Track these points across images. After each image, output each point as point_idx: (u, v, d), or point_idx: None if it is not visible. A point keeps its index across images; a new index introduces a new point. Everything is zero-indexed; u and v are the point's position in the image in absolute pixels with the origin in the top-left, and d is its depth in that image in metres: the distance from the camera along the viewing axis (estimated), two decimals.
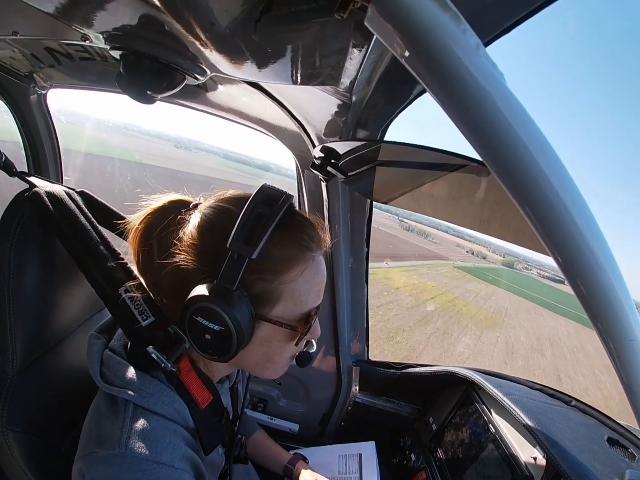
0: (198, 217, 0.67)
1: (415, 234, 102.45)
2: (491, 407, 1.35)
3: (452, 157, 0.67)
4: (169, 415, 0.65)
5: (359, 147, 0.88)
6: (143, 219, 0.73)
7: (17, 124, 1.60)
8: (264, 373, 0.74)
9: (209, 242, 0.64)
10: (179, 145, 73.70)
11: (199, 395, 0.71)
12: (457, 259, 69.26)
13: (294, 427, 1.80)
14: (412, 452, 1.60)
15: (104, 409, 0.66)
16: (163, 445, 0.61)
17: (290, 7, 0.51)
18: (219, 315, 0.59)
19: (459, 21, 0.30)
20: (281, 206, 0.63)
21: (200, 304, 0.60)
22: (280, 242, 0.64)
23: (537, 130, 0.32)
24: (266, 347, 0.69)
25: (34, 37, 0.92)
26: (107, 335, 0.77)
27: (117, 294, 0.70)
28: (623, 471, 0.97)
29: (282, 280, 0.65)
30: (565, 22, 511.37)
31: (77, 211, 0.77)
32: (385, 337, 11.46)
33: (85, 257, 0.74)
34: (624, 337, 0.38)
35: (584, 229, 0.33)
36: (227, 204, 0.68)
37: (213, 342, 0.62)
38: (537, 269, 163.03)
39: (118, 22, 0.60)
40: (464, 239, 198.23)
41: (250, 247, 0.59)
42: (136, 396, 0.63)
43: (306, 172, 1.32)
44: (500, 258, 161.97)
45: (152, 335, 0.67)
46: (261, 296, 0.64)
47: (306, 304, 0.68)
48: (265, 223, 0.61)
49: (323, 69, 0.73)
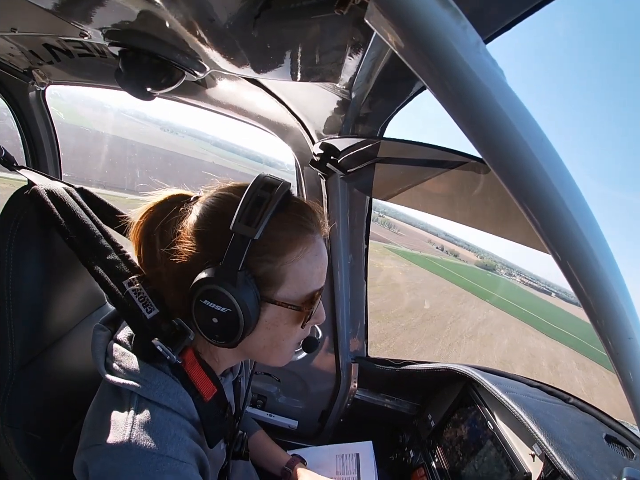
0: (200, 207, 0.68)
1: (379, 224, 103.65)
2: (490, 404, 1.35)
3: (452, 154, 0.67)
4: (174, 408, 0.65)
5: (358, 144, 0.88)
6: (144, 214, 0.73)
7: (16, 121, 1.60)
8: (270, 359, 0.74)
9: (212, 228, 0.65)
10: (165, 128, 74.42)
11: (203, 387, 0.71)
12: (414, 249, 72.22)
13: (293, 424, 1.80)
14: (410, 449, 1.61)
15: (107, 400, 0.66)
16: (168, 438, 0.61)
17: (290, 4, 0.51)
18: (226, 297, 0.60)
19: (459, 18, 0.29)
20: (280, 190, 0.65)
21: (206, 286, 0.61)
22: (280, 223, 0.65)
23: (536, 127, 0.32)
24: (273, 330, 0.69)
25: (33, 33, 0.91)
26: (112, 326, 0.77)
27: (121, 287, 0.70)
28: (621, 469, 0.98)
29: (284, 261, 0.65)
30: (566, 19, 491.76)
31: (77, 207, 0.77)
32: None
33: (88, 251, 0.74)
34: (622, 334, 0.38)
35: (583, 226, 0.33)
36: (228, 192, 0.70)
37: (220, 325, 0.63)
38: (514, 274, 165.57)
39: (117, 18, 0.60)
40: (439, 236, 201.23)
41: (253, 227, 0.60)
42: (141, 388, 0.63)
43: (306, 168, 1.31)
44: (476, 259, 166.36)
45: (157, 327, 0.67)
46: (265, 278, 0.65)
47: (310, 285, 0.69)
48: (266, 205, 0.62)
49: (323, 65, 0.72)
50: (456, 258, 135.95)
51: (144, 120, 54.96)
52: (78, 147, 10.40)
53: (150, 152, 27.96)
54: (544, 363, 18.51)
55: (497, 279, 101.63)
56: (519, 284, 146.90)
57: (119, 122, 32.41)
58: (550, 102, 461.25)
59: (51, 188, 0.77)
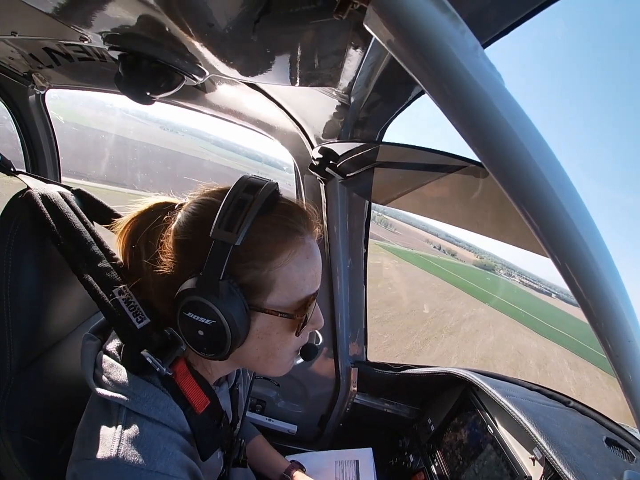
0: (182, 214, 0.66)
1: (376, 222, 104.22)
2: (490, 408, 1.35)
3: (451, 158, 0.67)
4: (163, 421, 0.63)
5: (357, 149, 0.88)
6: (129, 223, 0.71)
7: (16, 124, 1.60)
8: (267, 370, 0.71)
9: (193, 236, 0.63)
10: (165, 127, 75.01)
11: (195, 399, 0.69)
12: (412, 248, 72.40)
13: (293, 428, 1.79)
14: (410, 453, 1.60)
15: (97, 413, 0.64)
16: (157, 453, 0.59)
17: (289, 9, 0.51)
18: (209, 308, 0.57)
19: (457, 22, 0.30)
20: (264, 191, 0.61)
21: (188, 298, 0.58)
22: (265, 226, 0.62)
23: (534, 131, 0.32)
24: (265, 340, 0.66)
25: (33, 37, 0.91)
26: (102, 336, 0.75)
27: (111, 296, 0.68)
28: (622, 472, 0.97)
29: (272, 266, 0.62)
30: (564, 22, 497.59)
31: (70, 212, 0.76)
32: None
33: (78, 259, 0.72)
34: (622, 337, 0.38)
35: (582, 229, 0.34)
36: (209, 197, 0.67)
37: (206, 338, 0.60)
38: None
39: (117, 22, 0.60)
40: (439, 236, 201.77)
41: (234, 233, 0.57)
42: (129, 401, 0.61)
43: (305, 173, 1.32)
44: (475, 259, 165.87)
45: (147, 337, 0.66)
46: (253, 285, 0.61)
47: (302, 290, 0.66)
48: (248, 208, 0.59)
49: (322, 70, 0.73)
50: (453, 257, 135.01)
51: (146, 119, 55.55)
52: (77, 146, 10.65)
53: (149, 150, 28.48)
54: (531, 361, 18.22)
55: (495, 278, 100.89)
56: (518, 284, 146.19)
57: (122, 122, 32.76)
58: (548, 105, 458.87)
59: (45, 192, 0.76)
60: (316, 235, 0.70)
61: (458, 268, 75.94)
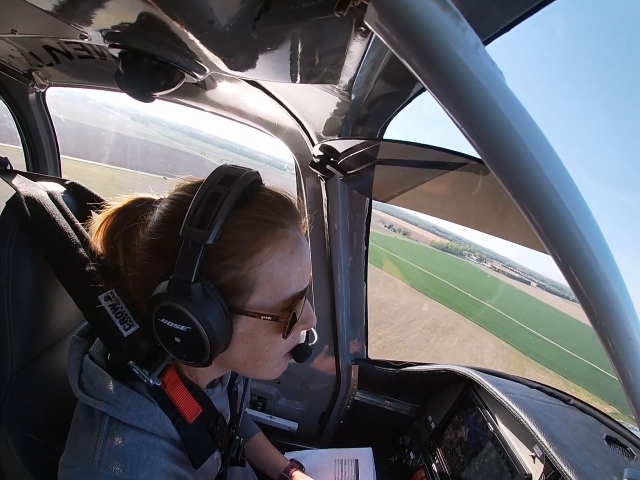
0: (156, 212, 0.62)
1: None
2: (490, 406, 1.35)
3: (451, 155, 0.67)
4: (148, 429, 0.61)
5: (358, 146, 0.88)
6: (103, 222, 0.68)
7: (16, 122, 1.60)
8: (256, 373, 0.67)
9: (166, 235, 0.58)
10: (135, 118, 76.12)
11: (186, 409, 0.66)
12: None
13: (293, 426, 1.80)
14: (411, 451, 1.61)
15: (81, 420, 0.63)
16: (140, 462, 0.58)
17: (290, 5, 0.51)
18: (182, 313, 0.53)
19: (458, 20, 0.29)
20: (241, 182, 0.56)
21: (160, 303, 0.54)
22: (243, 221, 0.57)
23: (536, 128, 0.32)
24: (250, 343, 0.62)
25: (33, 35, 0.91)
26: (89, 338, 0.72)
27: (96, 302, 0.65)
28: (622, 470, 0.97)
29: (252, 264, 0.57)
30: (566, 19, 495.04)
31: (56, 213, 0.73)
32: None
33: (62, 263, 0.70)
34: (622, 335, 0.38)
35: (583, 227, 0.33)
36: (182, 192, 0.62)
37: (184, 344, 0.56)
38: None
39: (117, 20, 0.60)
40: (395, 216, 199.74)
41: (205, 231, 0.52)
42: (112, 409, 0.60)
43: (306, 170, 1.31)
44: (433, 239, 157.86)
45: (135, 346, 0.63)
46: (232, 286, 0.57)
47: (287, 288, 0.60)
48: (222, 202, 0.54)
49: (322, 67, 0.72)
50: (405, 236, 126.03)
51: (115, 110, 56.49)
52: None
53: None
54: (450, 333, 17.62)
55: (451, 259, 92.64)
56: (489, 269, 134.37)
57: (91, 112, 33.48)
58: (550, 103, 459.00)
59: (31, 195, 0.73)
60: (302, 228, 0.66)
61: (403, 248, 70.00)
